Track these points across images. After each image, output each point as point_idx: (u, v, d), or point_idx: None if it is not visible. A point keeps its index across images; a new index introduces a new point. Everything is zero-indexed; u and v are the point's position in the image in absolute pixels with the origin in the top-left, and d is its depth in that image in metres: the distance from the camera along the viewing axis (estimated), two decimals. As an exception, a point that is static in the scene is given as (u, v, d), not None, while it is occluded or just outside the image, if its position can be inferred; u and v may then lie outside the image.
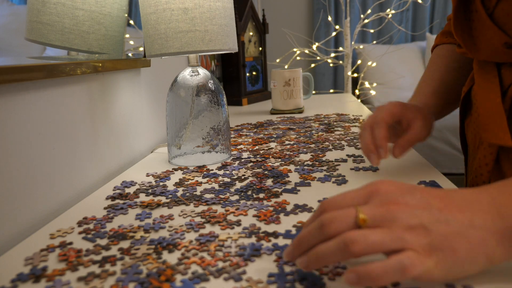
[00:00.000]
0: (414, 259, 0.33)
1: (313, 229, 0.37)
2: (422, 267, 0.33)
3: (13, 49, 0.58)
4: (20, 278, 0.42)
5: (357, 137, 0.94)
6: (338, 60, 2.60)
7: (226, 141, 0.82)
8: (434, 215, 0.35)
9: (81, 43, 0.71)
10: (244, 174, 0.72)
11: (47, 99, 0.62)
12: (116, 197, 0.64)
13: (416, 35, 3.26)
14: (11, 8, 0.60)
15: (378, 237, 0.33)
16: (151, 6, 0.70)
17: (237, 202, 0.59)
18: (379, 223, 0.34)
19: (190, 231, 0.51)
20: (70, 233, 0.52)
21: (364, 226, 0.34)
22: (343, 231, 0.35)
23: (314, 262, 0.36)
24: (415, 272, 0.33)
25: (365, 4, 3.22)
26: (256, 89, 1.73)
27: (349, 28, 2.36)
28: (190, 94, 0.78)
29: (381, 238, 0.33)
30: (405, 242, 0.33)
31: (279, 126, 1.13)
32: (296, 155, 0.83)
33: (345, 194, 0.38)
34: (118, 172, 0.84)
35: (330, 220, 0.35)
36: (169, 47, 0.70)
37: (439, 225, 0.34)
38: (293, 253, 0.38)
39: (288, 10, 3.31)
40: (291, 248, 0.39)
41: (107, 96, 0.81)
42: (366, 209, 0.35)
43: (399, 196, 0.36)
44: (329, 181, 0.66)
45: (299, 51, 2.38)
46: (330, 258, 0.35)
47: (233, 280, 0.40)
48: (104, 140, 0.79)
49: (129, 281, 0.40)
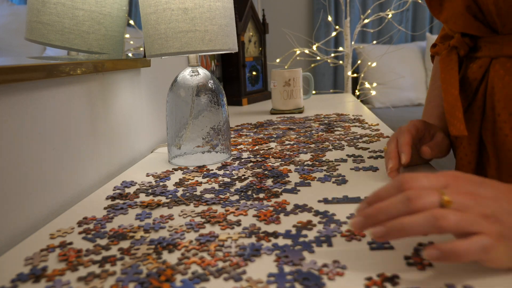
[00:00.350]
0: (492, 241, 0.36)
1: (397, 201, 0.38)
2: (497, 250, 0.36)
3: (13, 49, 0.58)
4: (20, 278, 0.42)
5: (357, 137, 0.94)
6: (338, 60, 2.60)
7: (226, 141, 0.82)
8: (504, 207, 0.38)
9: (81, 43, 0.71)
10: (244, 174, 0.72)
11: (47, 99, 0.62)
12: (116, 197, 0.64)
13: (416, 35, 3.26)
14: (11, 8, 0.60)
15: (462, 217, 0.36)
16: (151, 6, 0.70)
17: (237, 202, 0.59)
18: (458, 207, 0.37)
19: (190, 231, 0.51)
20: (70, 233, 0.52)
21: (447, 207, 0.37)
22: (429, 208, 0.37)
23: (396, 232, 0.38)
24: (493, 253, 0.36)
25: (365, 4, 3.21)
26: (256, 89, 1.73)
27: (349, 28, 2.36)
28: (190, 94, 0.78)
29: (465, 219, 0.36)
30: (482, 227, 0.36)
31: (279, 126, 1.13)
32: (296, 155, 0.83)
33: (424, 175, 0.40)
34: (118, 172, 0.84)
35: (417, 196, 0.38)
36: (169, 47, 0.70)
37: (508, 217, 0.37)
38: (365, 223, 0.40)
39: (288, 10, 3.31)
40: (361, 218, 0.40)
41: (107, 96, 0.81)
42: (448, 192, 0.38)
43: (474, 187, 0.39)
44: (329, 181, 0.66)
45: (299, 51, 2.38)
46: (415, 230, 0.37)
47: (233, 280, 0.40)
48: (104, 140, 0.79)
49: (129, 281, 0.40)
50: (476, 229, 0.36)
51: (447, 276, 0.38)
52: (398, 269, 0.40)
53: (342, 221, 0.51)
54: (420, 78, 3.04)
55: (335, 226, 0.50)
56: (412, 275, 0.39)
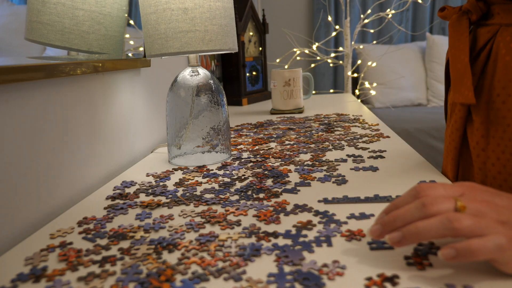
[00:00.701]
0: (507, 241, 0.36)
1: (412, 207, 0.40)
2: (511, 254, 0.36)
3: (13, 49, 0.58)
4: (20, 278, 0.42)
5: (357, 137, 0.94)
6: (338, 60, 2.60)
7: (226, 141, 0.82)
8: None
9: (81, 43, 0.71)
10: (244, 174, 0.72)
11: (47, 99, 0.62)
12: (116, 197, 0.64)
13: (416, 35, 3.26)
14: (11, 8, 0.60)
15: (477, 220, 0.37)
16: (151, 6, 0.70)
17: (237, 202, 0.59)
18: (473, 213, 0.38)
19: (190, 231, 0.51)
20: (70, 233, 0.52)
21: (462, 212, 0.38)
22: (444, 212, 0.38)
23: (412, 236, 0.38)
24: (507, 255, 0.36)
25: (365, 4, 3.21)
26: (256, 89, 1.73)
27: (349, 28, 2.36)
28: (190, 94, 0.78)
29: (480, 222, 0.37)
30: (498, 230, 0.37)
31: (279, 126, 1.13)
32: (296, 155, 0.83)
33: (441, 185, 0.41)
34: (118, 172, 0.84)
35: (432, 202, 0.39)
36: (169, 47, 0.70)
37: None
38: (383, 230, 0.41)
39: (288, 10, 3.31)
40: (379, 226, 0.41)
41: (107, 96, 0.81)
42: (463, 200, 0.39)
43: (490, 197, 0.40)
44: (329, 181, 0.66)
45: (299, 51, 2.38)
46: (430, 233, 0.37)
47: (233, 280, 0.40)
48: (104, 140, 0.79)
49: (129, 281, 0.40)
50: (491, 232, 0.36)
51: (447, 276, 0.38)
52: (398, 269, 0.40)
53: (342, 221, 0.51)
54: (420, 78, 3.04)
55: (335, 226, 0.50)
56: (412, 275, 0.39)
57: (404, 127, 2.42)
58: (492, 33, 0.59)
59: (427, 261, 0.41)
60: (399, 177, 0.67)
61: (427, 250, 0.43)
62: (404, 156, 0.78)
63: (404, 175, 0.68)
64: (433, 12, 3.25)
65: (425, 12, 3.22)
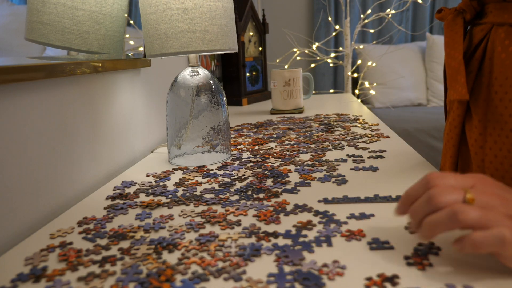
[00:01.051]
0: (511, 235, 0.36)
1: (422, 201, 0.40)
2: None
3: (13, 49, 0.58)
4: (20, 278, 0.42)
5: (357, 137, 0.94)
6: (338, 60, 2.60)
7: (226, 141, 0.82)
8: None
9: (81, 43, 0.71)
10: (244, 174, 0.72)
11: (47, 99, 0.62)
12: (116, 197, 0.64)
13: (416, 35, 3.26)
14: (11, 8, 0.60)
15: (484, 213, 0.37)
16: (151, 6, 0.70)
17: (237, 202, 0.59)
18: (482, 205, 0.38)
19: (190, 231, 0.51)
20: (70, 233, 0.52)
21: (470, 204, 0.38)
22: (452, 204, 0.38)
23: (427, 232, 0.39)
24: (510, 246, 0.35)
25: (365, 4, 3.21)
26: (256, 89, 1.73)
27: (349, 28, 2.36)
28: (190, 94, 0.78)
29: (487, 215, 0.37)
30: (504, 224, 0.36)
31: (279, 126, 1.13)
32: (296, 155, 0.83)
33: (452, 175, 0.41)
34: (118, 172, 0.84)
35: (439, 194, 0.39)
36: (169, 47, 0.70)
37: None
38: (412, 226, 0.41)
39: (288, 10, 3.31)
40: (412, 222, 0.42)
41: (107, 96, 0.81)
42: (473, 191, 0.39)
43: (501, 191, 0.40)
44: (329, 181, 0.66)
45: (299, 51, 2.38)
46: (440, 227, 0.38)
47: (233, 280, 0.40)
48: (104, 140, 0.79)
49: (129, 281, 0.40)
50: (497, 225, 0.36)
51: (447, 276, 0.38)
52: (398, 269, 0.40)
53: (342, 221, 0.51)
54: (420, 78, 3.04)
55: (335, 226, 0.50)
56: (412, 275, 0.39)
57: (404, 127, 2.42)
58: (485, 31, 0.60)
59: (427, 261, 0.41)
60: (399, 177, 0.67)
61: (427, 250, 0.43)
62: (404, 156, 0.78)
63: (404, 175, 0.68)
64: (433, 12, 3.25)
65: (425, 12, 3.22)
